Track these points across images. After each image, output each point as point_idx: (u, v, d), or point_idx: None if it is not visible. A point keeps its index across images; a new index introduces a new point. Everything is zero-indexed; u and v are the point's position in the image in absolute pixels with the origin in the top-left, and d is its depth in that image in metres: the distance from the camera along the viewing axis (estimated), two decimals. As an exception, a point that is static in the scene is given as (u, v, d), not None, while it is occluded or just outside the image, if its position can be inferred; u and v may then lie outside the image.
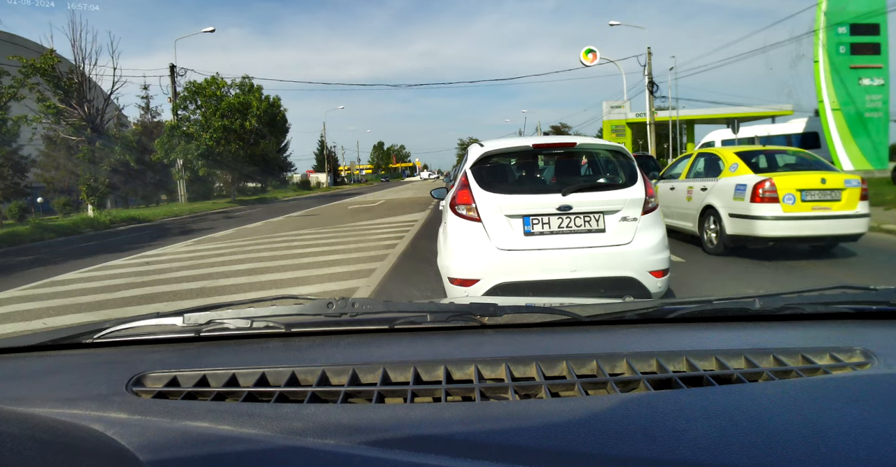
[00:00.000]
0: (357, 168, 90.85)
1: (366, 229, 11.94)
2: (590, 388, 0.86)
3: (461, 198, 3.87)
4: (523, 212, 3.75)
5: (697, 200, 7.35)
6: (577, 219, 3.75)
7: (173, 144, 28.02)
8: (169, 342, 1.12)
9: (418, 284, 5.88)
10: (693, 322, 1.17)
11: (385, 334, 1.13)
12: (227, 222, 16.96)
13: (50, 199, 28.68)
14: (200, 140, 28.79)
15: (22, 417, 0.67)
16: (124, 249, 10.96)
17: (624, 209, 3.78)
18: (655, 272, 3.73)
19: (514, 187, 4.11)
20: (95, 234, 16.04)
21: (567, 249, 3.70)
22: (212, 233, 13.06)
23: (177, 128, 28.77)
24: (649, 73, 30.30)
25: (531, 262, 3.70)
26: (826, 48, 18.28)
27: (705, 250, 7.18)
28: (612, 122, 39.30)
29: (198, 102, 30.55)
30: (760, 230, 6.25)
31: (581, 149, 4.40)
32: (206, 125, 29.84)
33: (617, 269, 3.71)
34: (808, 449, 0.63)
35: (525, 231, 3.74)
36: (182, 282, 6.78)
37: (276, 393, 0.86)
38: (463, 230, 3.81)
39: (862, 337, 1.02)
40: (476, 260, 3.74)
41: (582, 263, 3.68)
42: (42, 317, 5.36)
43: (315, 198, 35.32)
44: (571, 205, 3.73)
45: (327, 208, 21.42)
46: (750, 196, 6.33)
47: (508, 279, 3.69)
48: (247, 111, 31.55)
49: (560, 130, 69.34)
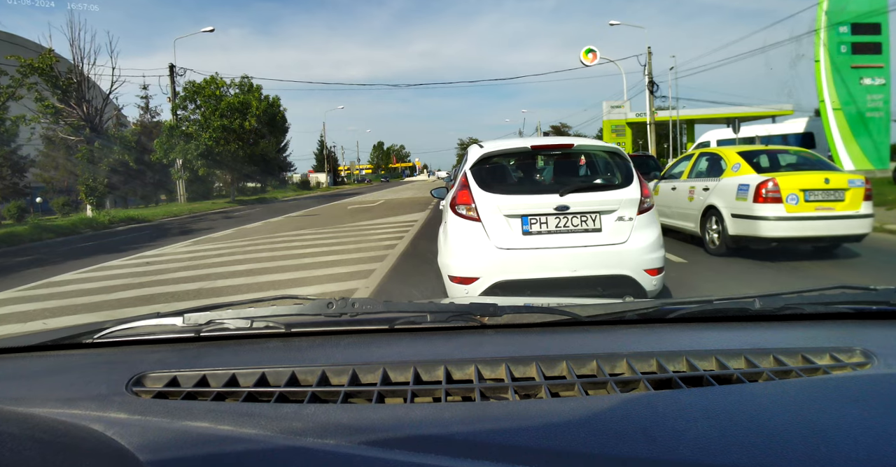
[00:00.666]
0: (357, 168, 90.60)
1: (365, 229, 11.88)
2: (590, 388, 0.86)
3: (461, 198, 3.93)
4: (522, 211, 3.82)
5: (699, 200, 7.30)
6: (574, 218, 3.82)
7: (172, 144, 27.86)
8: (169, 342, 1.12)
9: (418, 284, 5.86)
10: (693, 322, 1.17)
11: (385, 334, 1.13)
12: (227, 222, 16.89)
13: (49, 199, 28.64)
14: (200, 140, 28.62)
15: (22, 417, 0.67)
16: (123, 249, 10.91)
17: (620, 209, 3.85)
18: (650, 270, 3.82)
19: (513, 187, 4.20)
20: (94, 235, 15.97)
21: (564, 248, 3.77)
22: (211, 234, 13.00)
23: (176, 128, 28.60)
24: (649, 72, 30.15)
25: (529, 261, 3.77)
26: (827, 47, 18.22)
27: (707, 251, 7.12)
28: (612, 122, 39.27)
29: (197, 102, 30.33)
30: (763, 230, 6.20)
31: (578, 150, 4.47)
32: (206, 125, 29.63)
33: (613, 268, 3.78)
34: (809, 449, 0.63)
35: (523, 230, 3.81)
36: (180, 282, 6.74)
37: (276, 394, 0.86)
38: (463, 229, 3.88)
39: (862, 337, 1.02)
40: (475, 258, 3.81)
41: (579, 262, 3.75)
42: (39, 319, 5.33)
43: (314, 198, 35.16)
44: (568, 205, 3.80)
45: (327, 208, 21.33)
46: (753, 196, 6.28)
47: (507, 277, 3.76)
48: (246, 111, 31.34)
49: (560, 130, 69.23)
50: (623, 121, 38.67)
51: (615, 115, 38.76)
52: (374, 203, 22.74)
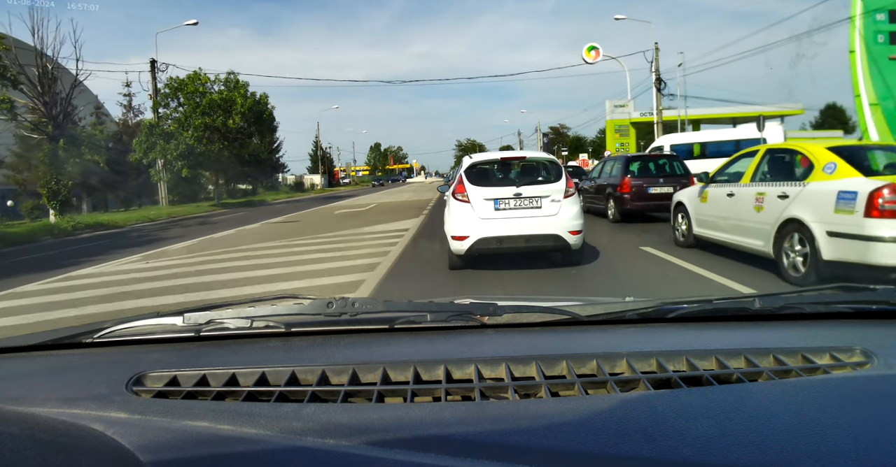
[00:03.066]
0: (353, 169, 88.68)
1: (346, 240, 10.18)
2: (590, 388, 0.86)
3: (459, 189, 6.37)
4: (494, 196, 6.21)
5: (773, 212, 5.54)
6: (525, 201, 6.18)
7: (152, 143, 25.89)
8: (169, 341, 1.12)
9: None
10: (693, 321, 1.17)
11: (385, 334, 1.14)
12: (199, 230, 15.37)
13: (20, 203, 26.70)
14: (179, 139, 26.61)
15: (22, 417, 0.68)
16: (61, 265, 9.20)
17: (552, 195, 6.19)
18: (572, 231, 6.10)
19: (490, 182, 6.56)
20: (50, 244, 14.17)
21: (519, 218, 6.15)
22: (170, 245, 11.42)
23: (156, 126, 26.69)
24: (657, 69, 28.83)
25: (499, 225, 6.13)
26: (863, 37, 16.50)
27: (785, 279, 5.34)
28: (615, 122, 38.34)
29: (179, 99, 28.55)
30: (881, 257, 4.44)
31: (529, 159, 7.14)
32: (186, 123, 27.68)
33: (548, 230, 6.09)
34: (809, 449, 0.63)
35: (495, 208, 6.20)
36: (91, 307, 5.71)
37: (276, 393, 0.86)
38: (459, 208, 6.29)
39: (862, 336, 1.02)
40: (467, 224, 6.18)
41: (527, 226, 6.12)
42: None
43: (305, 200, 33.49)
44: (522, 192, 6.17)
45: (311, 214, 19.66)
46: (864, 208, 4.52)
47: (485, 235, 6.09)
48: (230, 108, 29.48)
49: (558, 132, 69.31)
50: (627, 121, 37.70)
51: (618, 114, 38.37)
52: (365, 207, 21.32)
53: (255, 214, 20.99)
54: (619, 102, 37.31)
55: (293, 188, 58.07)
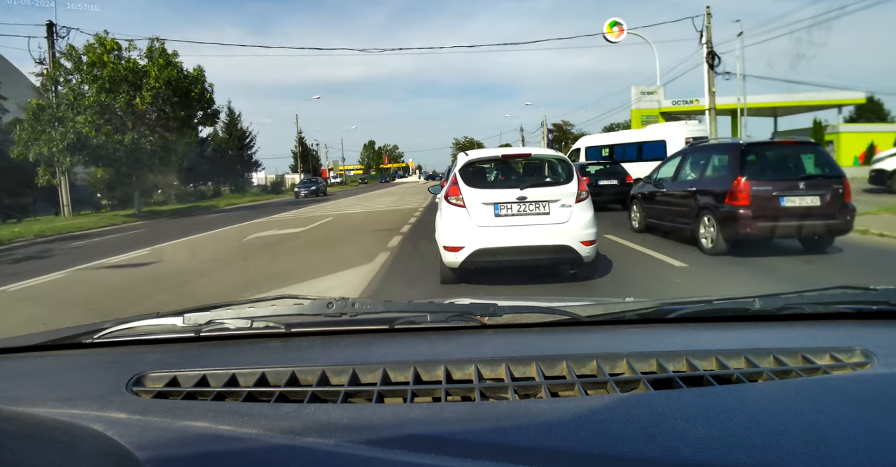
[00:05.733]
0: (341, 168, 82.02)
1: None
2: (590, 388, 0.86)
3: (452, 191, 5.33)
4: (494, 200, 5.20)
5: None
6: (530, 205, 5.18)
7: (39, 132, 19.28)
8: (169, 342, 1.12)
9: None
10: (693, 322, 1.17)
11: (385, 334, 1.14)
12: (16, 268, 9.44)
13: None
14: (67, 126, 19.47)
15: (22, 417, 0.70)
16: None
17: (562, 199, 5.21)
18: (585, 242, 5.16)
19: (489, 184, 5.71)
20: None
21: (524, 226, 5.15)
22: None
23: (44, 109, 19.69)
24: (708, 40, 21.42)
25: (499, 234, 5.14)
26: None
27: None
28: (641, 112, 30.23)
29: (82, 72, 20.90)
30: None
31: (535, 157, 6.12)
32: (76, 104, 20.02)
33: (557, 240, 5.11)
34: (809, 449, 0.63)
35: (495, 213, 5.20)
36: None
37: (276, 393, 0.86)
38: (453, 213, 5.27)
39: (862, 337, 1.02)
40: (462, 233, 5.18)
41: (533, 235, 5.12)
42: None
43: (256, 208, 26.16)
44: (526, 196, 5.17)
45: (211, 237, 12.61)
46: None
47: (484, 246, 5.11)
48: (140, 83, 21.39)
49: (562, 129, 65.78)
50: (656, 111, 29.80)
51: (646, 103, 30.27)
52: (305, 227, 13.56)
53: (153, 234, 13.83)
54: (646, 89, 30.32)
55: (270, 189, 48.29)
